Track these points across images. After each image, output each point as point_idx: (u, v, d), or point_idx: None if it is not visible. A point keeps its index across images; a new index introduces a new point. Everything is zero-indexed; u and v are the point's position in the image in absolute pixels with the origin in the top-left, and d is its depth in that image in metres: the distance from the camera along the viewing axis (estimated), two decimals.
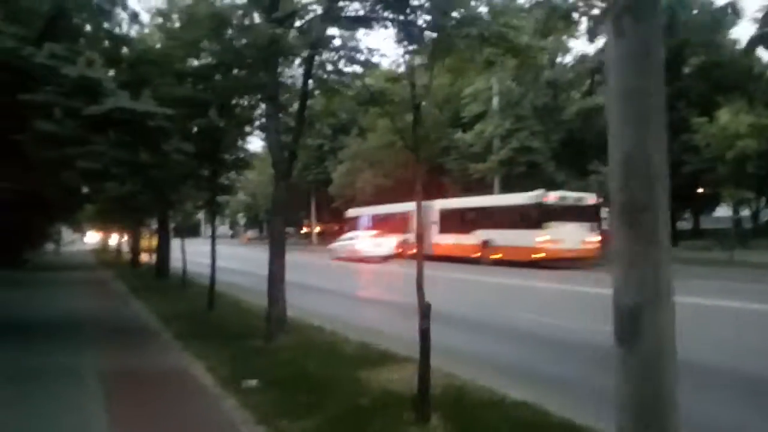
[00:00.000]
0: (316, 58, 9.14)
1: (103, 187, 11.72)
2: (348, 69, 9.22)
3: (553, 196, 22.83)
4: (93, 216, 39.93)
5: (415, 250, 25.50)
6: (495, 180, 29.49)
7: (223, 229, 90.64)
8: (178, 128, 8.64)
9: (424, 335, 5.07)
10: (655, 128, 2.82)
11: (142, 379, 6.96)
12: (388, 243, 28.96)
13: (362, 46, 9.35)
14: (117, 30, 11.68)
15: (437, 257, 24.84)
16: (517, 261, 21.95)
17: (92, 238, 70.14)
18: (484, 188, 31.64)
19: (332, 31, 8.92)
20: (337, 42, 9.16)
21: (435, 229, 27.47)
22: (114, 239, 43.46)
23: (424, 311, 5.06)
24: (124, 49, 11.41)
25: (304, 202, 55.75)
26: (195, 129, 10.40)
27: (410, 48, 9.10)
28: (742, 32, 41.03)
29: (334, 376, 6.44)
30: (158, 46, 12.16)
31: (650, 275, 2.73)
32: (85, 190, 27.40)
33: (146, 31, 13.88)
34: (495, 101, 28.75)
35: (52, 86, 7.95)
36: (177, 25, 11.88)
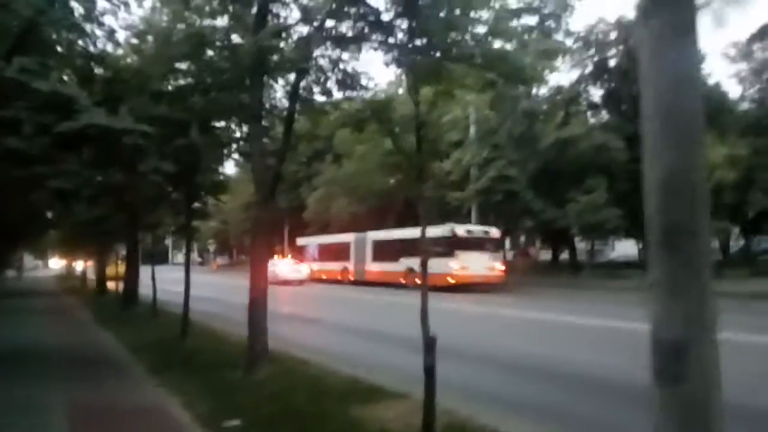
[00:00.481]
0: (303, 80, 8.87)
1: (73, 210, 11.12)
2: (337, 92, 8.98)
3: (461, 230, 26.14)
4: (57, 242, 38.71)
5: (352, 276, 25.40)
6: (472, 208, 29.40)
7: (192, 256, 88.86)
8: (156, 148, 8.19)
9: (429, 372, 4.68)
10: (697, 145, 2.56)
11: (114, 417, 6.40)
12: (304, 269, 35.37)
13: (350, 67, 9.17)
14: (91, 48, 11.25)
15: (370, 282, 29.10)
16: (434, 285, 22.51)
17: (55, 264, 68.08)
18: (461, 216, 31.55)
19: (320, 52, 8.68)
20: (324, 62, 8.91)
21: (369, 257, 31.33)
22: (79, 266, 41.97)
23: (428, 345, 4.68)
24: (99, 69, 10.98)
25: (277, 229, 54.99)
26: (173, 149, 9.96)
27: (399, 71, 8.90)
28: (710, 67, 42.25)
29: (324, 413, 5.99)
30: (134, 64, 11.76)
31: (695, 306, 2.40)
32: (49, 215, 26.60)
33: (120, 51, 13.47)
34: (472, 130, 28.83)
35: (22, 101, 7.49)
36: (152, 44, 11.51)
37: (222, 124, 10.67)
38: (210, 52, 9.16)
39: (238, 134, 11.39)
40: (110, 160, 7.54)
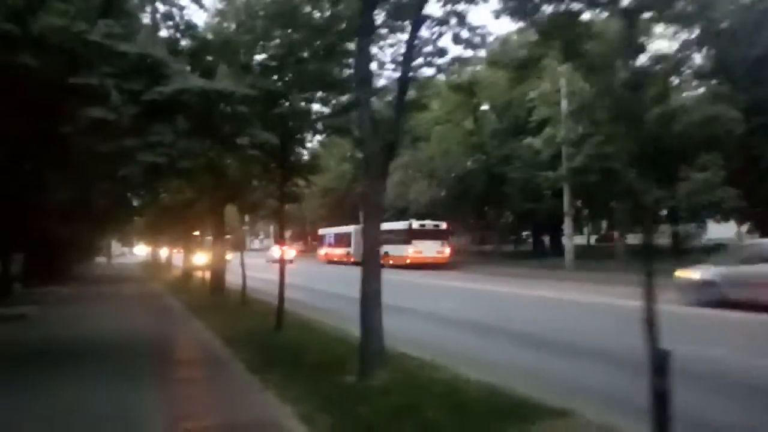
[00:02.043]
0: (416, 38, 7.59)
1: (165, 187, 10.19)
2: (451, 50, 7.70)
3: (416, 224, 36.21)
4: (143, 228, 39.43)
5: (353, 258, 25.18)
6: (564, 189, 27.35)
7: (257, 243, 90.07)
8: (255, 116, 7.12)
9: (661, 398, 3.31)
10: None
11: None
12: (292, 251, 47.93)
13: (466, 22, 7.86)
14: (177, 18, 10.39)
15: (358, 263, 35.27)
16: (398, 265, 32.79)
17: (140, 251, 70.38)
18: (551, 198, 29.60)
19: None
20: (438, 13, 7.62)
21: (359, 244, 38.34)
22: (164, 252, 42.68)
23: (659, 365, 3.31)
24: (185, 40, 10.09)
25: (352, 215, 54.24)
26: (267, 122, 8.89)
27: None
28: None
29: None
30: (222, 35, 10.83)
31: None
32: (135, 202, 26.70)
33: (207, 19, 12.63)
34: (564, 104, 26.70)
35: (108, 67, 6.58)
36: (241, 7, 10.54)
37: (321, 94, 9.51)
38: (307, 8, 8.03)
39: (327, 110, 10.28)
40: (207, 130, 6.51)
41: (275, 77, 9.36)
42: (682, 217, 27.25)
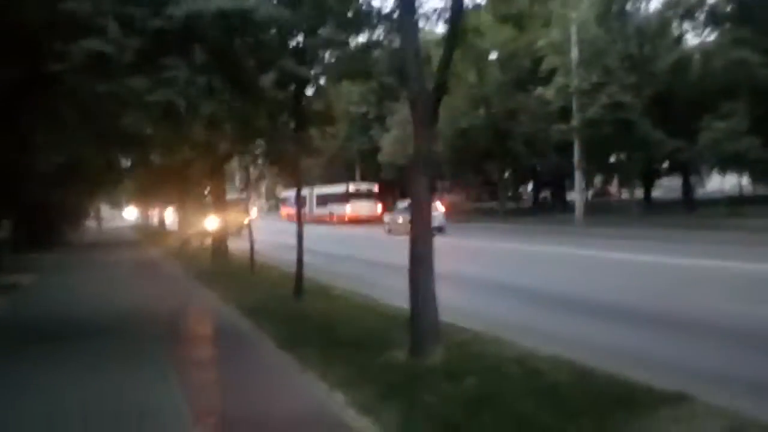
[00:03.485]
0: None
1: (178, 132, 8.92)
2: None
3: (353, 186, 43.37)
4: (134, 190, 38.03)
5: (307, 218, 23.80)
6: (575, 142, 26.23)
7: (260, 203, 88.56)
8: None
9: None
10: None
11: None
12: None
13: None
14: None
15: (312, 221, 38.89)
16: (340, 222, 41.39)
17: (130, 214, 68.93)
18: (561, 151, 28.54)
19: None
20: None
21: (314, 204, 46.78)
22: (157, 215, 41.28)
23: None
24: None
25: (348, 174, 52.92)
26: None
27: None
28: None
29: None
30: None
31: None
32: (127, 162, 25.34)
33: None
34: (575, 52, 25.34)
35: None
36: None
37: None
38: None
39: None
40: (227, 66, 5.33)
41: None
42: (709, 167, 26.29)
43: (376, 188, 43.95)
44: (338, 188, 43.70)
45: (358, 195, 42.98)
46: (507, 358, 5.80)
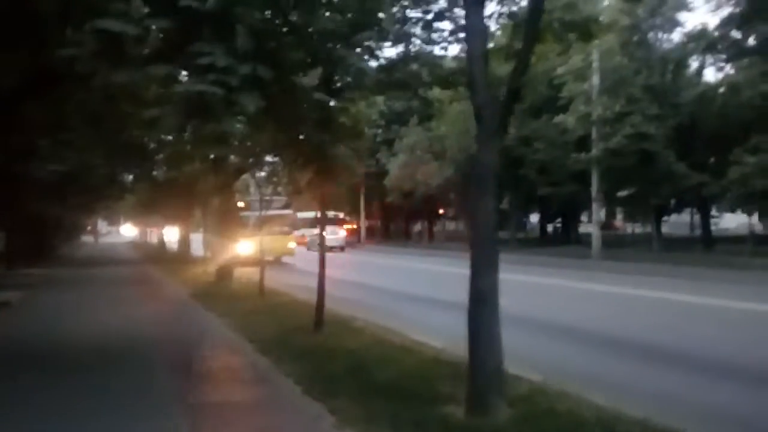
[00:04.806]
0: None
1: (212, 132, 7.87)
2: None
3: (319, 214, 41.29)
4: (134, 206, 37.08)
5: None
6: (593, 173, 25.37)
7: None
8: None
9: None
10: None
11: None
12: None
13: None
14: None
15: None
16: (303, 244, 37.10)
17: (129, 230, 67.70)
18: (579, 182, 27.67)
19: None
20: None
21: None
22: (162, 233, 39.85)
23: None
24: None
25: (352, 196, 51.96)
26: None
27: None
28: None
29: None
30: None
31: None
32: (128, 176, 24.41)
33: None
34: (596, 80, 24.66)
35: None
36: None
37: None
38: None
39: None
40: (269, 58, 4.39)
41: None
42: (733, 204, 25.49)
43: (342, 215, 47.38)
44: (309, 214, 41.95)
45: (329, 221, 44.01)
46: (587, 420, 4.79)
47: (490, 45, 6.23)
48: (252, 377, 6.56)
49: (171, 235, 36.36)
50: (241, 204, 17.73)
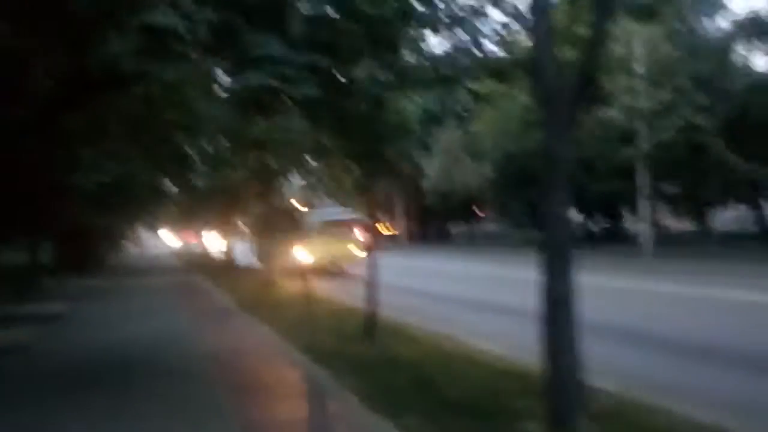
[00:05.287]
0: None
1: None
2: None
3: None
4: (176, 215, 37.41)
5: None
6: (637, 167, 24.35)
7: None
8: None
9: None
10: None
11: None
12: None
13: None
14: None
15: None
16: None
17: (170, 239, 68.52)
18: (617, 177, 26.66)
19: None
20: None
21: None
22: (214, 242, 39.70)
23: None
24: None
25: (388, 200, 51.60)
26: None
27: None
28: None
29: None
30: None
31: None
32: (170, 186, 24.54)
33: None
34: (640, 70, 23.67)
35: None
36: None
37: None
38: None
39: None
40: (328, 43, 4.07)
41: None
42: None
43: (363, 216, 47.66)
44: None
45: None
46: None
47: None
48: (313, 392, 6.22)
49: (213, 243, 36.46)
50: (298, 206, 16.64)
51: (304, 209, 16.59)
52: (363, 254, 19.76)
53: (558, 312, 4.76)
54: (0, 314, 12.15)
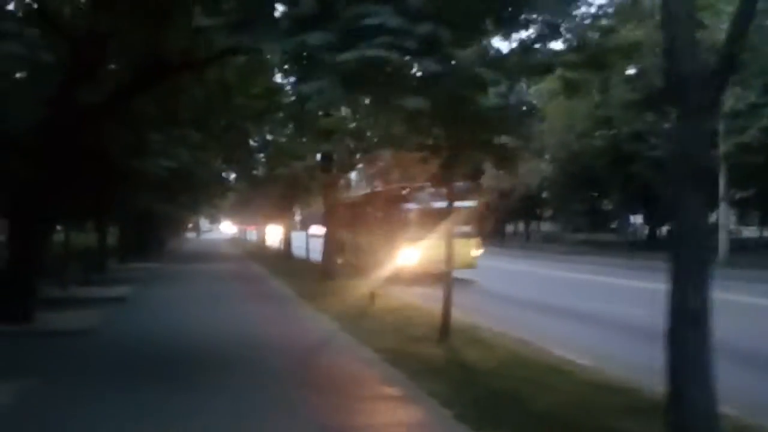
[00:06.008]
0: None
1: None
2: None
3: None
4: (233, 204, 37.87)
5: None
6: (721, 170, 22.92)
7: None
8: None
9: None
10: None
11: None
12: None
13: None
14: None
15: None
16: None
17: (228, 228, 69.81)
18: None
19: None
20: None
21: None
22: (257, 230, 40.29)
23: None
24: None
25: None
26: None
27: None
28: None
29: None
30: None
31: None
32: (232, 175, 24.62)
33: None
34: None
35: None
36: None
37: None
38: None
39: None
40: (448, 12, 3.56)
41: None
42: None
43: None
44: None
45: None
46: None
47: None
48: (391, 396, 5.77)
49: (271, 233, 36.65)
50: (404, 192, 13.64)
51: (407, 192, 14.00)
52: (479, 254, 16.55)
53: (690, 329, 4.14)
54: (68, 296, 12.25)
